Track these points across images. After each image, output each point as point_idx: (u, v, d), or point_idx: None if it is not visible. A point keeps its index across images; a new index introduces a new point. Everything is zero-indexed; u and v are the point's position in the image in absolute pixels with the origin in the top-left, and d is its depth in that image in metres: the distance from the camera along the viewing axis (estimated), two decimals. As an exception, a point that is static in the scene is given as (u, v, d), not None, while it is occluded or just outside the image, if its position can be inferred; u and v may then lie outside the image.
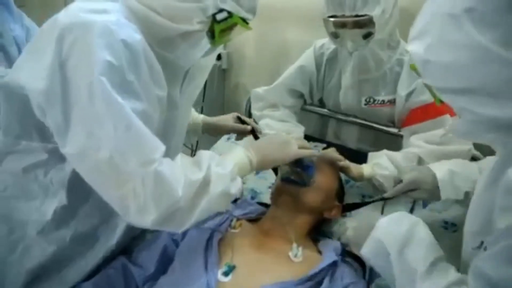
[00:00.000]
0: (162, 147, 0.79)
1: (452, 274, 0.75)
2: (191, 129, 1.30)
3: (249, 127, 1.33)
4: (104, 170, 0.75)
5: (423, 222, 0.85)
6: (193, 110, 1.33)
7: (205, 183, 0.82)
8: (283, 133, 1.24)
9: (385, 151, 1.30)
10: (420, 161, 1.26)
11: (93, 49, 0.73)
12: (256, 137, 1.31)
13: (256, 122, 1.47)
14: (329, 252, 1.00)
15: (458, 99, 0.61)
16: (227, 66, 2.33)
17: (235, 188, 0.87)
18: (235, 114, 1.38)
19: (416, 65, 0.65)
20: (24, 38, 1.55)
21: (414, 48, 0.63)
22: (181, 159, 0.85)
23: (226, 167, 0.86)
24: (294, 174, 1.09)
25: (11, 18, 1.53)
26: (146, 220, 0.77)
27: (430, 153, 1.24)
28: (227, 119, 1.36)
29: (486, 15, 0.54)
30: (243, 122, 1.35)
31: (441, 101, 0.67)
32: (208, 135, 1.41)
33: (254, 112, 1.61)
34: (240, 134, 1.38)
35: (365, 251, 0.86)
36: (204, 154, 0.87)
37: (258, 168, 0.97)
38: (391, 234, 0.82)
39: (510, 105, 0.56)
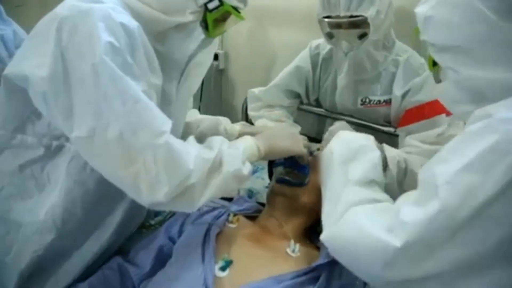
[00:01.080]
0: (169, 121, 0.80)
1: (382, 194, 0.77)
2: None
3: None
4: (114, 149, 0.75)
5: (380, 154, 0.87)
6: (228, 120, 1.32)
7: (217, 162, 0.82)
8: (291, 127, 1.23)
9: (381, 152, 1.30)
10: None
11: (94, 32, 0.73)
12: None
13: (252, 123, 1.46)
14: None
15: (446, 57, 0.66)
16: (224, 66, 2.33)
17: (246, 169, 0.87)
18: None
19: (418, 23, 0.70)
20: (12, 38, 1.57)
21: (420, 9, 0.68)
22: (193, 140, 0.86)
23: (238, 148, 0.88)
24: (288, 174, 1.10)
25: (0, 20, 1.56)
26: (159, 194, 0.75)
27: (425, 153, 1.24)
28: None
29: None
30: None
31: (434, 64, 0.71)
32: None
33: (251, 112, 1.62)
34: None
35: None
36: (214, 138, 0.89)
37: (266, 157, 0.98)
38: (343, 145, 0.86)
39: (490, 67, 0.60)
